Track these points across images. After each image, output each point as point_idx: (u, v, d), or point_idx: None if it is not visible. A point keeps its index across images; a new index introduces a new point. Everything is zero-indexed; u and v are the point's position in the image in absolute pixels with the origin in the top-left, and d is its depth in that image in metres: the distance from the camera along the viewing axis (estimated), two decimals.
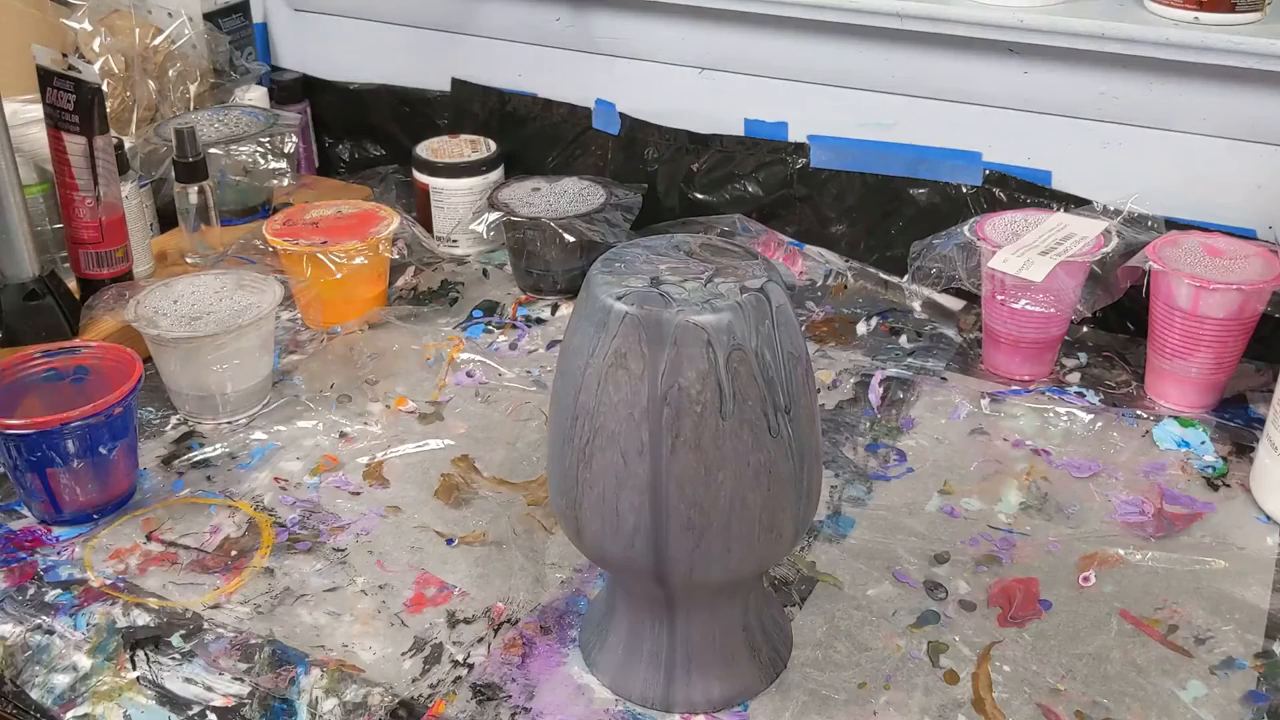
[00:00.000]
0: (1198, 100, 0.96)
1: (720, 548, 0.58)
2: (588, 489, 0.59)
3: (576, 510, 0.60)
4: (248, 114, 1.18)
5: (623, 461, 0.57)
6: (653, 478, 0.56)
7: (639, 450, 0.56)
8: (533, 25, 1.23)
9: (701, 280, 0.57)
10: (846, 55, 1.08)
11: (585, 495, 0.59)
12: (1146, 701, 0.66)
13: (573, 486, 0.60)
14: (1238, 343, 0.89)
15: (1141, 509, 0.81)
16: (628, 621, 0.65)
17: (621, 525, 0.58)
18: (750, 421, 0.56)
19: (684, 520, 0.57)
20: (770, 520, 0.59)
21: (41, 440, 0.76)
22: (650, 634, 0.64)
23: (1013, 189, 1.06)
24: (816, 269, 1.12)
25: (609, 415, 0.56)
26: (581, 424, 0.58)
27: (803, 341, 0.59)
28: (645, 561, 0.59)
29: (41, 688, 0.69)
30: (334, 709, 0.66)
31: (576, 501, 0.60)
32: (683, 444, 0.56)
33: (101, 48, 1.17)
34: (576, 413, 0.58)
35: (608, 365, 0.56)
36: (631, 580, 0.62)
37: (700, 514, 0.57)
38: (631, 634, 0.65)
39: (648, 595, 0.63)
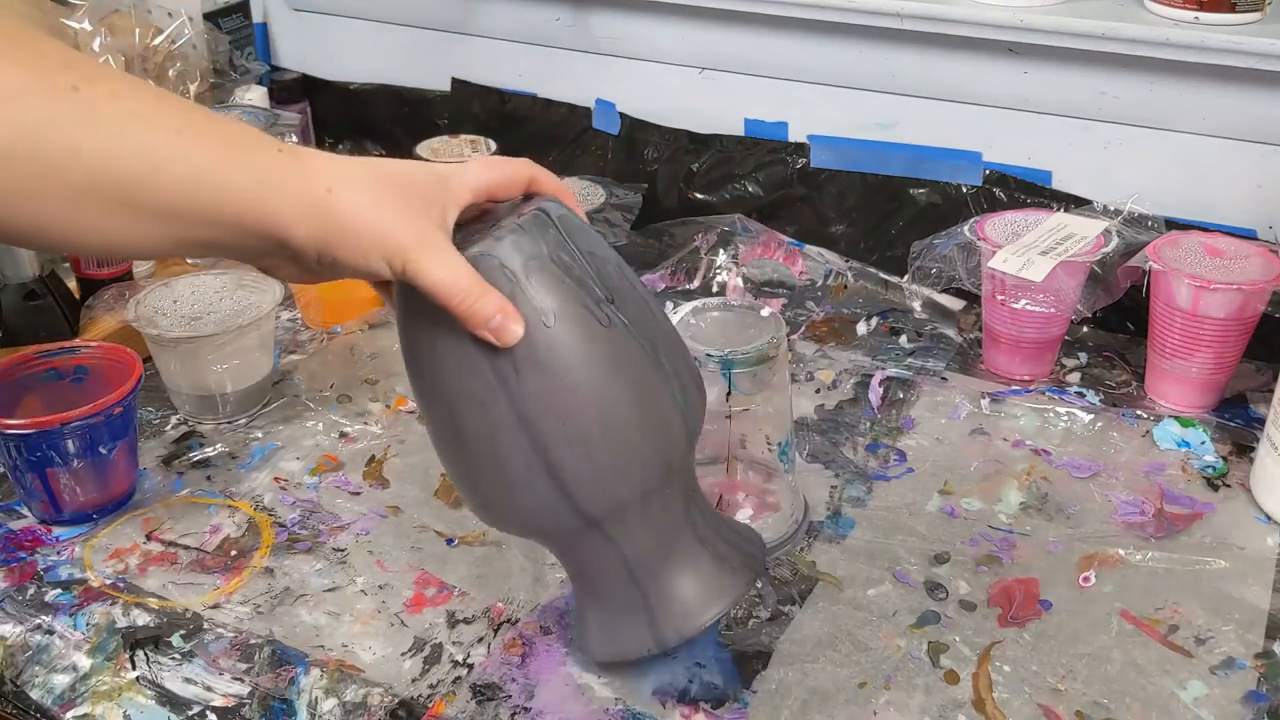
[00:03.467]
0: (1198, 100, 0.96)
1: (616, 451, 0.58)
2: (471, 458, 0.59)
3: (477, 485, 0.60)
4: (248, 114, 1.18)
5: (483, 410, 0.57)
6: (516, 410, 0.56)
7: (491, 391, 0.56)
8: (533, 25, 1.23)
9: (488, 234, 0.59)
10: (846, 55, 1.08)
11: (473, 465, 0.59)
12: (1147, 701, 0.66)
13: (461, 466, 0.60)
14: (1238, 343, 0.89)
15: (1142, 509, 0.81)
16: (592, 595, 0.65)
17: (514, 472, 0.58)
18: (576, 320, 0.57)
19: (565, 436, 0.57)
20: (649, 411, 0.59)
21: (41, 440, 0.76)
22: (615, 590, 0.63)
23: (1013, 189, 1.06)
24: (816, 269, 1.12)
25: (452, 375, 0.57)
26: (437, 402, 0.59)
27: (605, 241, 0.61)
28: (558, 500, 0.58)
29: (41, 688, 0.69)
30: (334, 709, 0.66)
31: (472, 478, 0.60)
32: (524, 366, 0.56)
33: (101, 48, 1.17)
34: (431, 395, 0.59)
35: (431, 336, 0.57)
36: (565, 537, 0.62)
37: (576, 424, 0.57)
38: (600, 603, 0.65)
39: (590, 548, 0.62)
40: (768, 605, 0.73)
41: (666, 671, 0.68)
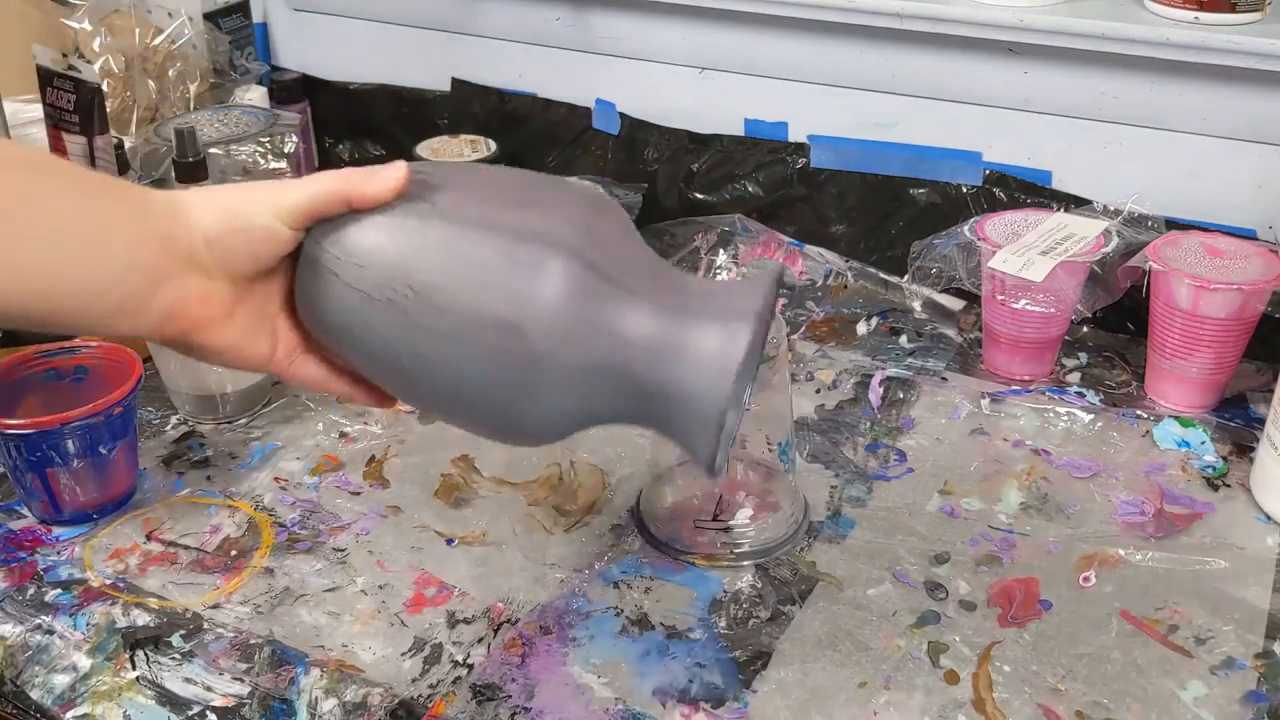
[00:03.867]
0: (1198, 100, 0.96)
1: (471, 277, 0.55)
2: (447, 391, 0.57)
3: (477, 407, 0.57)
4: (248, 114, 1.18)
5: (405, 335, 0.56)
6: (406, 338, 0.55)
7: (399, 320, 0.55)
8: (533, 25, 1.23)
9: None
10: (846, 55, 1.08)
11: (454, 393, 0.57)
12: (1147, 701, 0.66)
13: (452, 404, 0.58)
14: (1238, 343, 0.88)
15: (1142, 509, 0.81)
16: (651, 412, 0.59)
17: (467, 361, 0.55)
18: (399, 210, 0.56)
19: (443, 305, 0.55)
20: (514, 262, 0.55)
21: (41, 440, 0.76)
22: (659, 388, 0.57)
23: (1013, 189, 1.06)
24: (816, 269, 1.12)
25: (361, 329, 0.56)
26: (388, 367, 0.58)
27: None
28: (510, 351, 0.55)
29: (41, 688, 0.69)
30: (334, 709, 0.66)
31: (468, 406, 0.57)
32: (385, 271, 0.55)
33: (101, 48, 1.17)
34: (379, 363, 0.58)
35: (331, 308, 0.57)
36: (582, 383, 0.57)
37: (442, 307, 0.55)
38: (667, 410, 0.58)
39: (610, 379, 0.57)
40: (768, 605, 0.73)
41: (666, 671, 0.68)
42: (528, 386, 0.55)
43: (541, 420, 0.57)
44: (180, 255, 0.54)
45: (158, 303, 0.54)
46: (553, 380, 0.55)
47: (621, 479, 0.84)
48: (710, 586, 0.74)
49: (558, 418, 0.57)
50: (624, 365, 0.56)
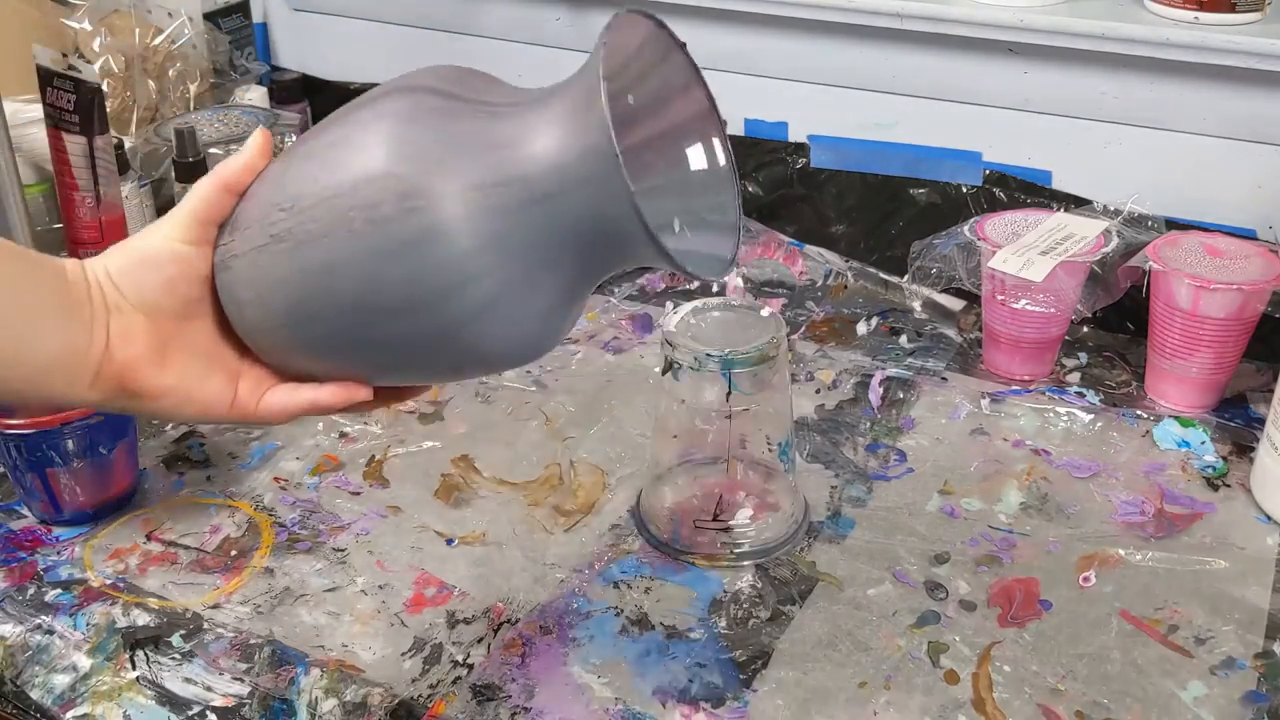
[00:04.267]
0: (1198, 100, 0.96)
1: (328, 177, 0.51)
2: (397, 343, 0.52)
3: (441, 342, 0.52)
4: (248, 114, 1.18)
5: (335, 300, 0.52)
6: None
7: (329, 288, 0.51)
8: (533, 25, 1.23)
9: None
10: (846, 55, 1.08)
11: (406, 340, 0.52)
12: (1147, 701, 0.65)
13: (411, 354, 0.53)
14: (1238, 343, 0.88)
15: (1141, 509, 0.81)
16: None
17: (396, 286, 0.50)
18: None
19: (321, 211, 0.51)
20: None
21: (41, 440, 0.76)
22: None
23: (1013, 189, 1.06)
24: (816, 269, 1.12)
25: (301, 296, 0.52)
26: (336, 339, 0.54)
27: None
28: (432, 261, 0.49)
29: (41, 688, 0.69)
30: (334, 709, 0.66)
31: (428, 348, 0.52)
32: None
33: (101, 48, 1.17)
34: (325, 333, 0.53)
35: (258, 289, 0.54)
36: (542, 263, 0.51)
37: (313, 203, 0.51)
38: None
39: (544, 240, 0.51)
40: (768, 605, 0.73)
41: (666, 671, 0.68)
42: (418, 234, 0.49)
43: (466, 279, 0.49)
44: (98, 301, 0.53)
45: (92, 353, 0.52)
46: (441, 218, 0.49)
47: (621, 479, 0.84)
48: (710, 586, 0.74)
49: (482, 272, 0.49)
50: (504, 172, 0.49)
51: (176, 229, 0.54)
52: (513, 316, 0.51)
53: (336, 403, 0.58)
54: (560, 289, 0.52)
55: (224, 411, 0.56)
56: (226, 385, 0.56)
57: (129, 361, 0.53)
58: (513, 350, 0.53)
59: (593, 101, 0.48)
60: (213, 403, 0.56)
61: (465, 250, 0.49)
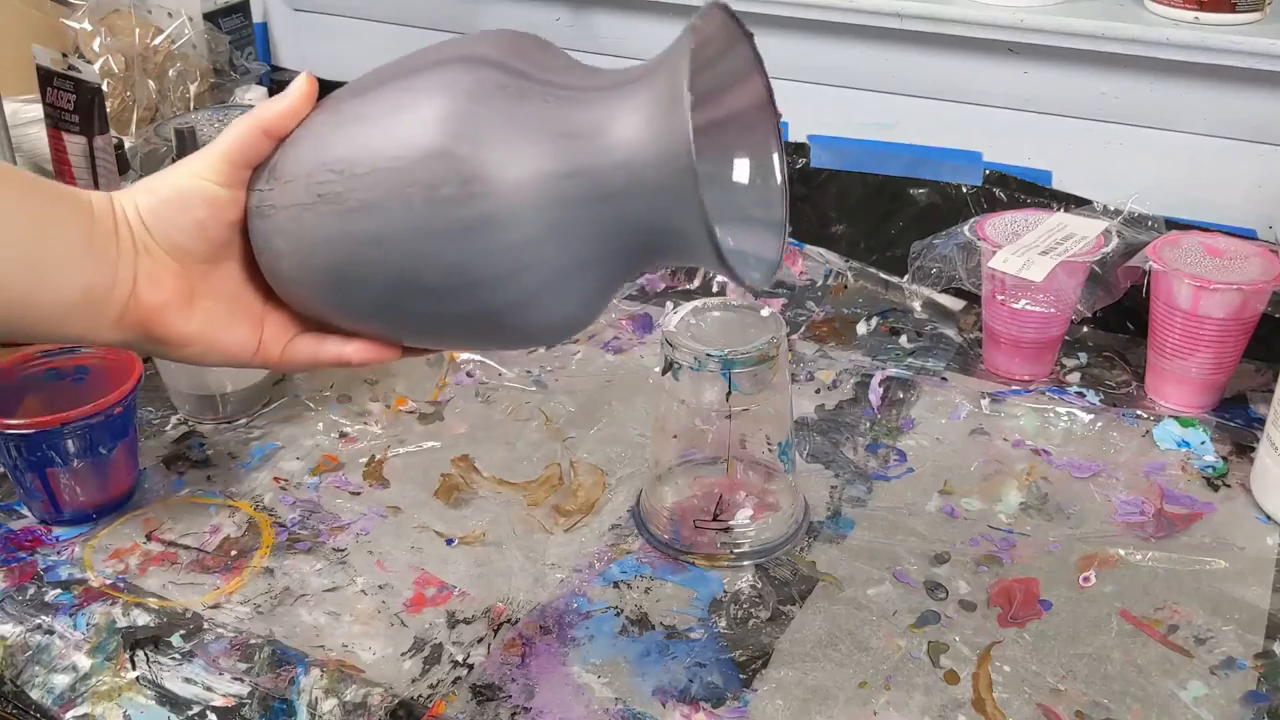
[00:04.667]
0: (1198, 100, 0.96)
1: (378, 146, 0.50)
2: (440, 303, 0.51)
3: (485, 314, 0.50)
4: None
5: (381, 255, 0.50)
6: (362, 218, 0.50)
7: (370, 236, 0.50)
8: (533, 25, 1.23)
9: None
10: (846, 55, 1.08)
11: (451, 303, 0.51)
12: (1147, 701, 0.66)
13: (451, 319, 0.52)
14: (1238, 343, 0.88)
15: (1141, 509, 0.81)
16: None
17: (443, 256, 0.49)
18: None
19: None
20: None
21: (41, 440, 0.76)
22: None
23: (1013, 189, 1.06)
24: (816, 269, 1.12)
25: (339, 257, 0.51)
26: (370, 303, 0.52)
27: None
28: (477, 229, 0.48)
29: (41, 688, 0.69)
30: (334, 709, 0.66)
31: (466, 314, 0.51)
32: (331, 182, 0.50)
33: (101, 48, 1.17)
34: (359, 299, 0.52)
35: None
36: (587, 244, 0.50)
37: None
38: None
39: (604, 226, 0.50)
40: (768, 605, 0.73)
41: (666, 671, 0.68)
42: (478, 221, 0.48)
43: (519, 269, 0.49)
44: (125, 240, 0.51)
45: (117, 292, 0.51)
46: (503, 206, 0.48)
47: (621, 479, 0.84)
48: (710, 586, 0.74)
49: (536, 262, 0.49)
50: (572, 164, 0.48)
51: (209, 169, 0.52)
52: (557, 303, 0.51)
53: (364, 360, 0.57)
54: (608, 278, 0.52)
55: (248, 358, 0.55)
56: (251, 331, 0.55)
57: (156, 307, 0.52)
58: (551, 332, 0.53)
59: (675, 106, 0.46)
60: (237, 349, 0.55)
61: (523, 240, 0.48)
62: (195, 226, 0.52)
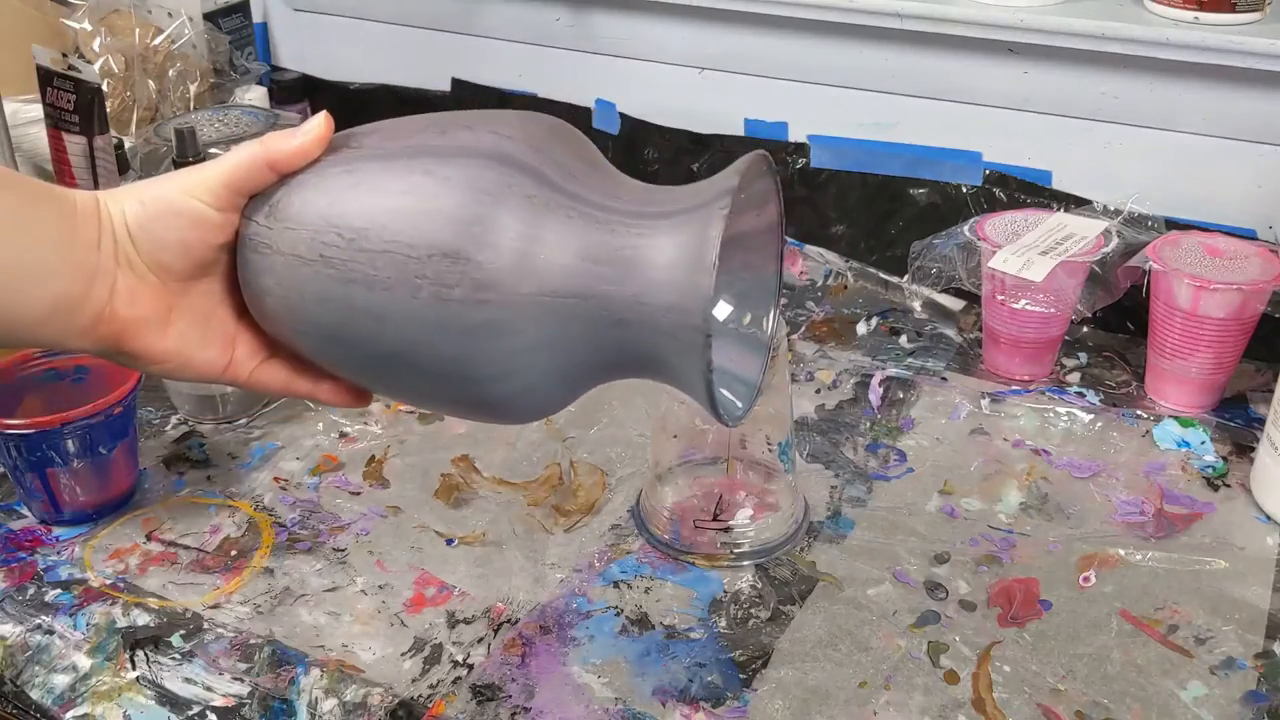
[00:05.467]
0: (1198, 100, 0.96)
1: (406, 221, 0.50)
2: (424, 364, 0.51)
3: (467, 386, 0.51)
4: (248, 114, 1.18)
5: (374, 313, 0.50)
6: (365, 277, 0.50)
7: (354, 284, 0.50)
8: (533, 25, 1.23)
9: None
10: (846, 55, 1.08)
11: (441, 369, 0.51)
12: (1147, 701, 0.66)
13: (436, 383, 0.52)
14: (1238, 343, 0.88)
15: (1141, 509, 0.81)
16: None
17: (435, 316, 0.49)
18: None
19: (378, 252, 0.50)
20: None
21: (41, 440, 0.76)
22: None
23: (1013, 189, 1.06)
24: (816, 269, 1.12)
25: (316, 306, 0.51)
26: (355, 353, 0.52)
27: None
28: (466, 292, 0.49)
29: (41, 688, 0.69)
30: (334, 709, 0.66)
31: (454, 383, 0.51)
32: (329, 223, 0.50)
33: (101, 48, 1.17)
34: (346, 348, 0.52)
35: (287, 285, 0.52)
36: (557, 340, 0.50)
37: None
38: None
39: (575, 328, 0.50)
40: (768, 605, 0.73)
41: (666, 671, 0.68)
42: (483, 324, 0.49)
43: (511, 368, 0.50)
44: (108, 250, 0.50)
45: (90, 303, 0.50)
46: (507, 315, 0.49)
47: (621, 479, 0.84)
48: (710, 586, 0.74)
49: (526, 367, 0.50)
50: (584, 286, 0.49)
51: (204, 191, 0.51)
52: (539, 400, 0.53)
53: (332, 403, 0.57)
54: (591, 383, 0.54)
55: (216, 375, 0.55)
56: (223, 351, 0.55)
57: (132, 323, 0.51)
58: (522, 418, 0.55)
59: (700, 268, 0.47)
60: (207, 368, 0.54)
61: (522, 347, 0.50)
62: (182, 246, 0.51)
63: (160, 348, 0.52)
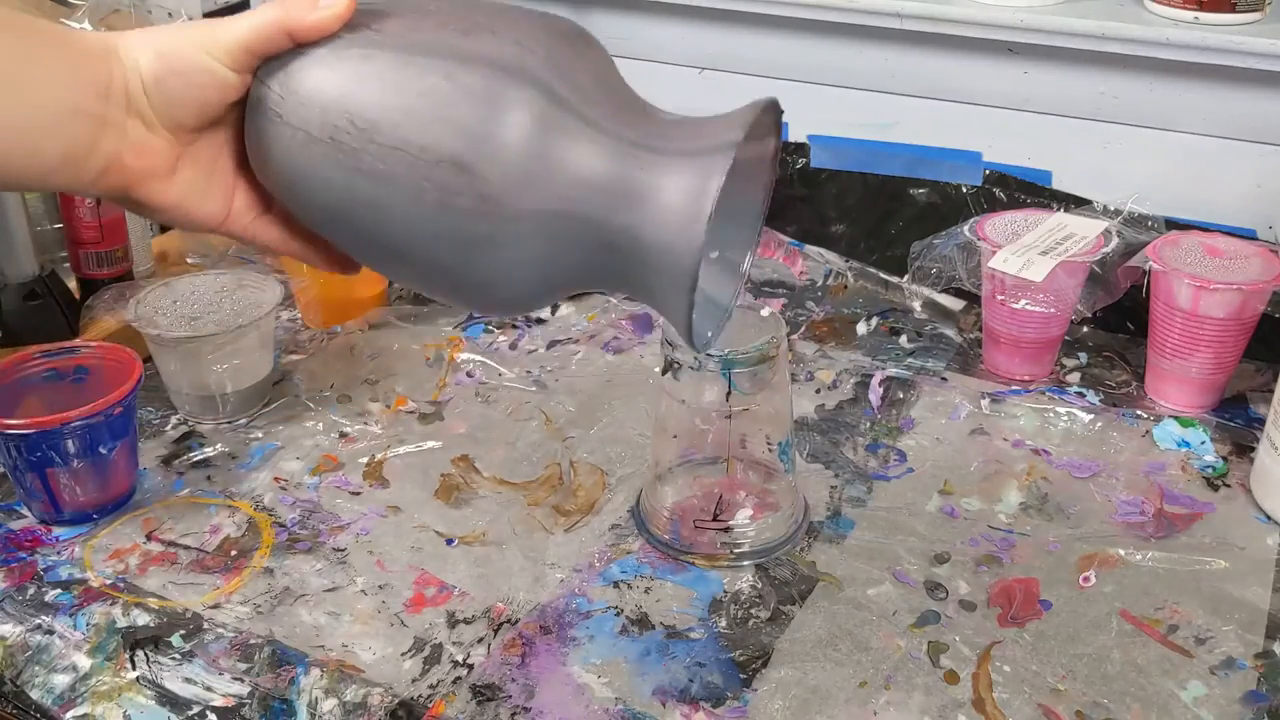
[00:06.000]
0: (1198, 100, 0.96)
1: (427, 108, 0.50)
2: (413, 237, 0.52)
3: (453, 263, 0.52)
4: None
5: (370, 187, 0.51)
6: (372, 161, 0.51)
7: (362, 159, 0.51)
8: None
9: None
10: (846, 55, 1.08)
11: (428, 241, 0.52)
12: (1147, 701, 0.66)
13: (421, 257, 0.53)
14: (1238, 343, 0.89)
15: (1141, 509, 0.81)
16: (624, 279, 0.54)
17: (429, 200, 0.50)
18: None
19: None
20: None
21: (41, 440, 0.76)
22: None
23: (1013, 189, 1.06)
24: (816, 269, 1.12)
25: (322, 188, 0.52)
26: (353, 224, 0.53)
27: None
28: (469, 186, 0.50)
29: (41, 688, 0.69)
30: (334, 709, 0.66)
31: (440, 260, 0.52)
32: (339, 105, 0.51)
33: None
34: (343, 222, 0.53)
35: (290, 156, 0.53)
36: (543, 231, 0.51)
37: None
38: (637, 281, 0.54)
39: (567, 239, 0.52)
40: (768, 605, 0.73)
41: (666, 671, 0.68)
42: (481, 235, 0.50)
43: (502, 275, 0.52)
44: (118, 100, 0.50)
45: (99, 152, 0.50)
46: (508, 228, 0.50)
47: (621, 479, 0.84)
48: (710, 586, 0.74)
49: (519, 273, 0.52)
50: (584, 211, 0.50)
51: (221, 50, 0.51)
52: (518, 300, 0.54)
53: (322, 268, 0.59)
54: (569, 290, 0.56)
55: (215, 226, 0.56)
56: (223, 202, 0.55)
57: (141, 173, 0.52)
58: (500, 313, 0.60)
59: (696, 214, 0.49)
60: (208, 218, 0.55)
61: (515, 259, 0.51)
62: (198, 104, 0.52)
63: (165, 197, 0.53)
